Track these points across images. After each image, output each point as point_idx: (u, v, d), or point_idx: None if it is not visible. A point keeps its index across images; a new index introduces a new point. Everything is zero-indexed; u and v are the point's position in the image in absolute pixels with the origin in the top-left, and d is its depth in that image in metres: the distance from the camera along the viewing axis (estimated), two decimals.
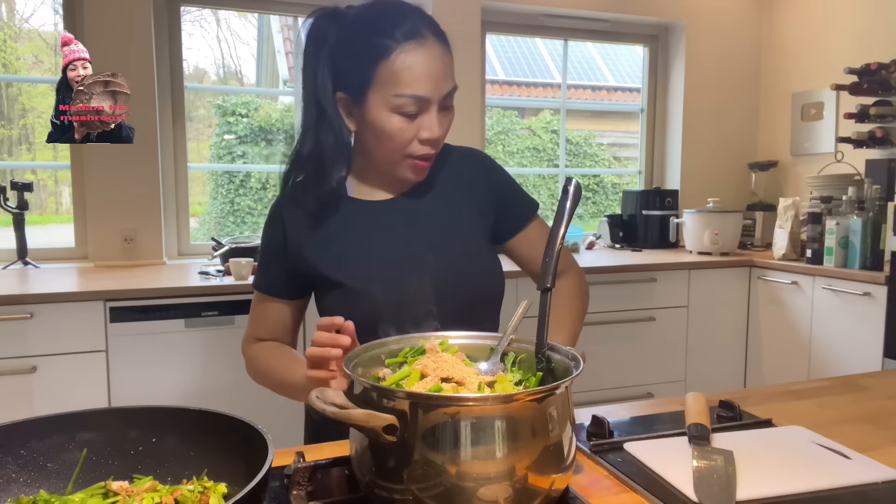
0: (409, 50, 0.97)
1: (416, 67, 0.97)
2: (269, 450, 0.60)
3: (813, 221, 2.78)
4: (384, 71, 0.98)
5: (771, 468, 0.78)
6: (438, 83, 0.99)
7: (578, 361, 0.72)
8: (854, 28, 3.17)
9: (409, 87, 0.97)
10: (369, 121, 1.01)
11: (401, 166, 1.04)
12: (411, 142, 1.01)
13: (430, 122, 1.00)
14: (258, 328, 1.18)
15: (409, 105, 0.98)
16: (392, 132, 1.00)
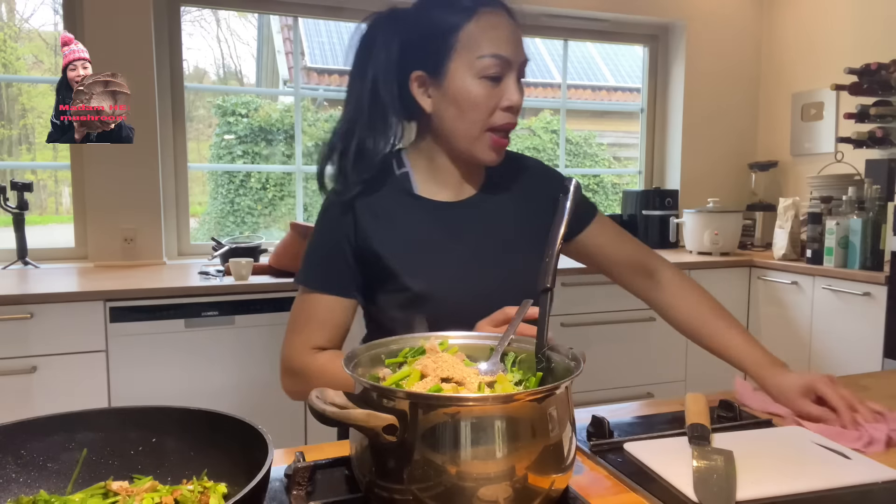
0: (488, 14, 1.01)
1: (495, 29, 1.00)
2: (269, 450, 0.60)
3: (813, 221, 2.78)
4: (466, 36, 1.00)
5: (771, 468, 0.78)
6: (517, 47, 1.02)
7: (578, 361, 0.72)
8: (854, 28, 3.17)
9: (491, 48, 0.99)
10: (452, 92, 1.01)
11: (480, 142, 1.03)
12: (494, 110, 1.01)
13: (512, 86, 1.01)
14: (315, 334, 1.08)
15: (493, 67, 0.99)
16: (477, 98, 1.00)
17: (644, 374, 2.91)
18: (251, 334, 2.31)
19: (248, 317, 2.30)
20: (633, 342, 2.86)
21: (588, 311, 2.77)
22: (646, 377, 2.91)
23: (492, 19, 1.01)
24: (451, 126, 1.04)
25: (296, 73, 4.26)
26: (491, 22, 1.01)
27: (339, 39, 6.23)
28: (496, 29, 1.00)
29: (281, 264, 2.44)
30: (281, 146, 4.81)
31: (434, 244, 1.07)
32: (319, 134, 4.97)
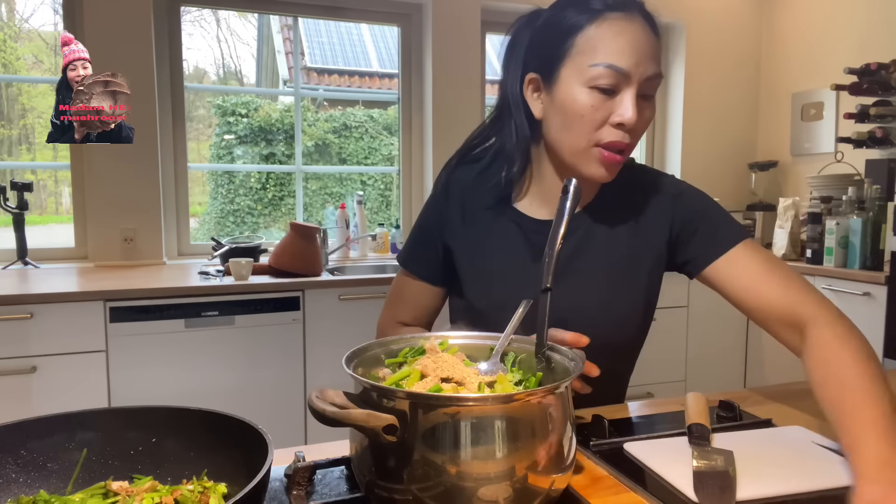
0: (613, 19, 0.91)
1: (616, 37, 0.90)
2: (269, 450, 0.60)
3: (813, 221, 2.78)
4: (583, 40, 0.91)
5: (771, 468, 0.78)
6: (641, 60, 0.91)
7: (578, 361, 0.72)
8: (854, 28, 3.17)
9: (607, 56, 0.89)
10: (559, 99, 0.93)
11: (586, 157, 0.93)
12: (602, 125, 0.91)
13: (626, 102, 0.90)
14: (399, 309, 1.11)
15: (604, 77, 0.89)
16: (583, 109, 0.90)
17: (644, 374, 2.90)
18: (251, 334, 2.31)
19: (248, 317, 2.30)
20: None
21: None
22: (646, 377, 2.91)
23: (618, 25, 0.91)
24: (556, 136, 0.96)
25: (296, 73, 4.26)
26: (616, 28, 0.91)
27: (338, 39, 6.23)
28: (620, 36, 0.91)
29: (281, 264, 2.44)
30: (281, 146, 4.81)
31: (510, 263, 1.01)
32: (319, 134, 4.97)
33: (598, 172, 0.94)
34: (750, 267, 0.96)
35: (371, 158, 5.09)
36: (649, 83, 0.93)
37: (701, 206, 1.06)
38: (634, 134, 0.93)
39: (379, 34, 6.18)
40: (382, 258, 3.12)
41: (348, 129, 5.06)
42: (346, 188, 4.87)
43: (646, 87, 0.93)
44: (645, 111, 0.93)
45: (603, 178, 0.95)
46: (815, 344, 0.88)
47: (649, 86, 0.93)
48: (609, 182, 0.97)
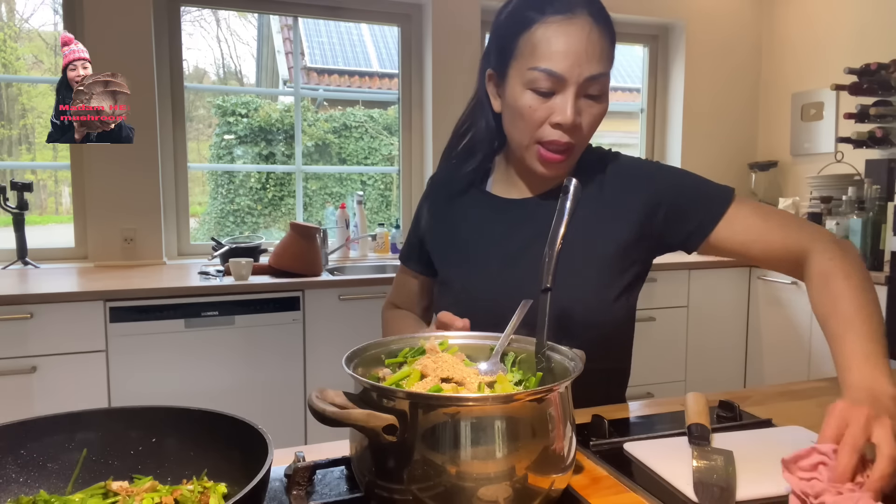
0: (552, 23, 0.93)
1: (553, 41, 0.92)
2: (269, 450, 0.60)
3: (813, 221, 2.78)
4: (524, 43, 0.95)
5: (771, 468, 0.78)
6: (579, 63, 0.92)
7: (578, 361, 0.72)
8: (854, 28, 3.17)
9: (543, 61, 0.92)
10: (507, 97, 0.98)
11: (529, 153, 0.98)
12: (542, 124, 0.95)
13: (564, 104, 0.93)
14: (395, 295, 1.24)
15: (541, 81, 0.93)
16: (522, 110, 0.95)
17: (644, 374, 2.91)
18: (251, 334, 2.31)
19: (248, 317, 2.30)
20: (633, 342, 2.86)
21: None
22: (646, 377, 2.91)
23: (558, 28, 0.92)
24: (507, 130, 1.02)
25: (296, 73, 4.26)
26: (555, 31, 0.92)
27: (338, 39, 6.23)
28: (558, 40, 0.92)
29: (281, 264, 2.44)
30: (281, 146, 4.81)
31: (485, 239, 1.06)
32: (319, 134, 4.97)
33: (539, 169, 0.99)
34: (747, 222, 0.99)
35: (371, 158, 5.09)
36: (592, 84, 0.95)
37: (679, 179, 1.05)
38: (579, 132, 0.96)
39: (379, 34, 6.18)
40: (382, 258, 3.12)
41: (348, 129, 5.06)
42: (346, 188, 4.87)
43: (588, 88, 0.95)
44: (590, 110, 0.96)
45: (544, 174, 1.00)
46: (811, 274, 0.93)
47: (592, 86, 0.95)
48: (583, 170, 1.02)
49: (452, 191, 1.13)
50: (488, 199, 1.10)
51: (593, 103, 0.96)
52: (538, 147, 0.97)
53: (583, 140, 0.99)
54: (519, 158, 1.03)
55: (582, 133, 0.97)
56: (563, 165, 0.99)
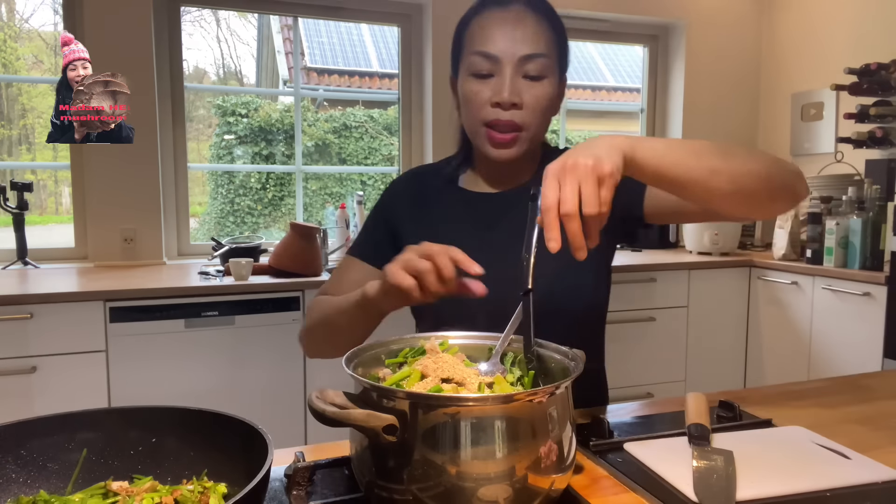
0: (487, 14, 1.01)
1: (488, 26, 0.99)
2: (269, 450, 0.60)
3: (813, 221, 2.78)
4: (466, 38, 1.03)
5: (771, 468, 0.78)
6: (513, 44, 0.98)
7: (578, 361, 0.72)
8: (854, 28, 3.17)
9: (479, 45, 0.99)
10: (459, 92, 1.05)
11: (480, 138, 1.03)
12: (485, 106, 1.00)
13: (500, 83, 0.98)
14: (335, 287, 1.13)
15: (479, 63, 0.99)
16: (468, 95, 1.01)
17: (644, 374, 2.91)
18: (251, 334, 2.31)
19: (248, 317, 2.30)
20: (633, 342, 2.86)
21: None
22: (646, 377, 2.91)
23: (493, 16, 1.00)
24: (462, 122, 1.07)
25: (296, 73, 4.26)
26: (490, 18, 1.00)
27: (338, 39, 6.23)
28: (492, 25, 0.99)
29: (281, 264, 2.44)
30: (281, 146, 4.81)
31: (456, 233, 1.06)
32: (319, 134, 4.97)
33: (490, 152, 1.02)
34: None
35: (371, 158, 5.09)
36: (528, 63, 0.99)
37: None
38: (522, 112, 0.99)
39: (379, 34, 6.18)
40: None
41: (348, 129, 5.06)
42: (346, 188, 4.87)
43: (526, 68, 0.99)
44: (531, 90, 0.99)
45: (496, 156, 1.02)
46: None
47: (531, 66, 0.99)
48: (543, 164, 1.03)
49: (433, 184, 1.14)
50: (463, 194, 1.12)
51: (534, 83, 1.00)
52: (486, 130, 1.01)
53: (529, 121, 1.00)
54: (476, 150, 1.08)
55: (525, 113, 1.00)
56: (513, 147, 1.02)
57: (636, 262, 2.92)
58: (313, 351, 1.09)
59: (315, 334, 1.05)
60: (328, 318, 0.99)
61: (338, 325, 0.97)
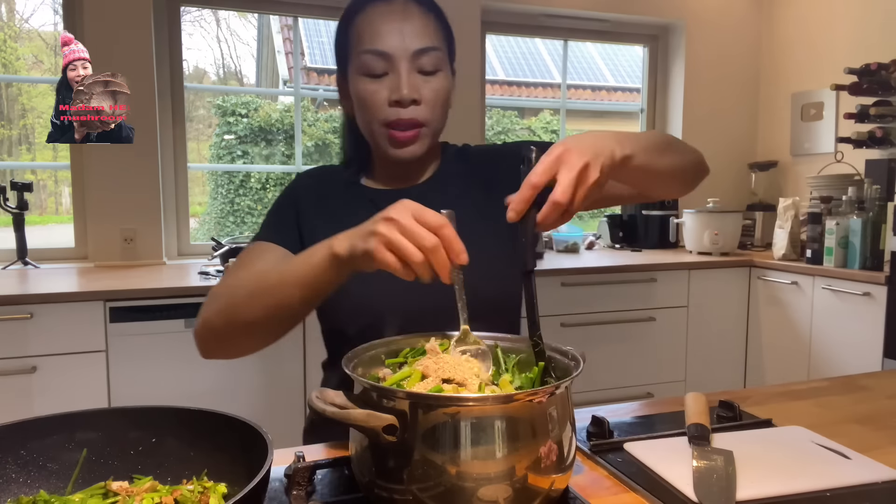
0: (371, 10, 0.96)
1: (374, 24, 0.95)
2: (269, 450, 0.60)
3: (813, 221, 2.78)
4: (352, 37, 0.97)
5: (771, 468, 0.78)
6: (405, 39, 0.95)
7: (578, 361, 0.72)
8: (854, 28, 3.17)
9: (369, 43, 0.95)
10: (352, 93, 0.99)
11: (381, 139, 0.99)
12: (383, 105, 0.96)
13: (397, 80, 0.94)
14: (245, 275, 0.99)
15: (372, 62, 0.95)
16: (363, 96, 0.96)
17: (644, 374, 2.91)
18: None
19: None
20: (633, 342, 2.86)
21: (588, 311, 2.77)
22: (646, 377, 2.91)
23: (377, 11, 0.96)
24: (360, 127, 1.02)
25: (296, 73, 4.26)
26: (375, 14, 0.96)
27: None
28: (378, 22, 0.95)
29: None
30: (281, 146, 4.81)
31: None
32: (319, 134, 4.97)
33: (393, 152, 0.99)
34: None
35: None
36: (422, 57, 0.96)
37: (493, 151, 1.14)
38: (421, 108, 0.96)
39: None
40: None
41: None
42: None
43: (421, 63, 0.96)
44: (429, 84, 0.97)
45: (400, 156, 0.99)
46: None
47: (423, 60, 0.96)
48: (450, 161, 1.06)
49: (335, 183, 1.08)
50: (367, 192, 1.07)
51: (430, 78, 0.97)
52: (387, 130, 0.97)
53: (430, 116, 0.98)
54: (377, 152, 1.03)
55: (425, 108, 0.97)
56: (416, 146, 0.99)
57: (636, 262, 2.92)
58: (215, 347, 0.97)
59: (229, 325, 0.89)
60: (257, 300, 0.84)
61: (276, 303, 0.82)
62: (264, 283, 0.85)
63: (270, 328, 0.87)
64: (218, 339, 0.93)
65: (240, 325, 0.87)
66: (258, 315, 0.84)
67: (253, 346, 0.91)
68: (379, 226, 0.68)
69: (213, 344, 0.96)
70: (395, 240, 0.67)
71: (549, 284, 2.68)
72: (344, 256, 0.73)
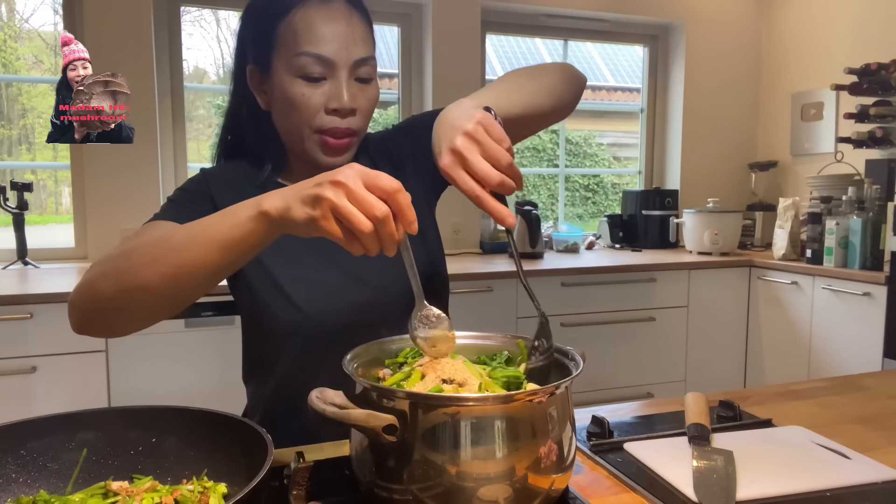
0: (311, 8, 0.91)
1: (316, 25, 0.90)
2: (269, 450, 0.60)
3: (813, 221, 2.78)
4: (285, 30, 0.91)
5: (771, 468, 0.78)
6: (347, 47, 0.91)
7: (578, 361, 0.72)
8: (854, 28, 3.17)
9: (309, 46, 0.90)
10: (276, 91, 0.93)
11: (311, 144, 0.94)
12: (318, 112, 0.92)
13: (338, 88, 0.91)
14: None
15: (311, 66, 0.90)
16: (295, 98, 0.91)
17: (644, 374, 2.91)
18: None
19: None
20: (633, 342, 2.86)
21: (588, 311, 2.77)
22: (646, 377, 2.91)
23: (319, 13, 0.91)
24: (279, 126, 0.98)
25: None
26: (317, 15, 0.91)
27: None
28: (321, 24, 0.90)
29: None
30: None
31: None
32: None
33: (323, 159, 0.95)
34: None
35: None
36: (360, 67, 0.94)
37: (407, 122, 1.13)
38: (357, 117, 0.95)
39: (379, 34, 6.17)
40: None
41: None
42: None
43: (358, 71, 0.94)
44: (364, 93, 0.95)
45: (329, 163, 0.94)
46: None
47: (362, 69, 0.94)
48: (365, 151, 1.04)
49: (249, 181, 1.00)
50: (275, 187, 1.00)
51: (366, 87, 0.95)
52: (319, 136, 0.94)
53: (363, 126, 0.97)
54: (298, 152, 0.98)
55: (360, 118, 0.95)
56: (348, 154, 0.97)
57: (636, 262, 2.92)
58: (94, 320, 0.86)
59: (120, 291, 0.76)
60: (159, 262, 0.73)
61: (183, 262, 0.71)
62: (169, 243, 0.74)
63: (169, 295, 0.75)
64: (100, 309, 0.81)
65: (132, 291, 0.74)
66: (157, 279, 0.73)
67: (140, 320, 0.80)
68: (326, 190, 0.61)
69: (92, 316, 0.84)
70: (342, 207, 0.60)
71: (549, 284, 2.68)
72: (275, 217, 0.65)
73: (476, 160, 0.71)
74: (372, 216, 0.61)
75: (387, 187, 0.62)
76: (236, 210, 0.69)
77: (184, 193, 0.99)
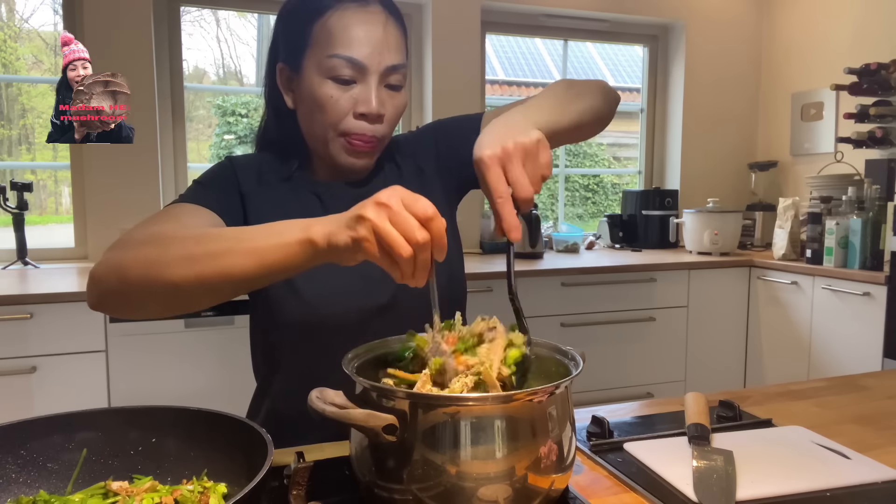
0: (348, 10, 0.91)
1: (352, 28, 0.90)
2: (269, 450, 0.60)
3: (813, 221, 2.78)
4: (319, 31, 0.91)
5: (771, 468, 0.78)
6: (380, 52, 0.91)
7: (578, 361, 0.72)
8: (854, 28, 3.17)
9: (342, 48, 0.90)
10: (304, 91, 0.93)
11: (335, 146, 0.94)
12: (346, 115, 0.92)
13: (367, 93, 0.91)
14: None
15: (342, 68, 0.90)
16: (324, 100, 0.91)
17: (644, 374, 2.91)
18: None
19: (248, 317, 2.30)
20: (633, 342, 2.86)
21: (588, 311, 2.77)
22: (646, 377, 2.91)
23: (356, 16, 0.91)
24: (304, 126, 0.97)
25: None
26: (353, 18, 0.91)
27: None
28: (355, 27, 0.90)
29: None
30: None
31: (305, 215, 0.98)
32: None
33: (347, 162, 0.95)
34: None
35: None
36: (392, 74, 0.94)
37: (433, 124, 1.12)
38: (384, 124, 0.94)
39: None
40: None
41: None
42: None
43: (389, 78, 0.94)
44: (393, 100, 0.95)
45: (353, 166, 0.96)
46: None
47: (393, 76, 0.94)
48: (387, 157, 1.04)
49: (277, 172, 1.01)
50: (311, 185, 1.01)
51: (395, 94, 0.95)
52: (343, 139, 0.93)
53: (388, 132, 0.97)
54: (320, 153, 0.98)
55: (386, 125, 0.95)
56: (370, 158, 0.97)
57: (636, 262, 2.92)
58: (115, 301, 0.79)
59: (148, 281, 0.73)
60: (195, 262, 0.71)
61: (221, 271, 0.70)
62: (206, 246, 0.71)
63: (198, 297, 0.74)
64: (126, 292, 0.76)
65: (162, 285, 0.72)
66: (191, 279, 0.70)
67: (161, 312, 0.79)
68: (368, 210, 0.61)
69: (115, 295, 0.77)
70: (384, 229, 0.60)
71: (549, 284, 2.68)
72: (321, 245, 0.64)
73: (517, 166, 0.73)
74: (413, 240, 0.60)
75: (425, 213, 0.61)
76: (282, 230, 0.68)
77: (212, 178, 0.98)
